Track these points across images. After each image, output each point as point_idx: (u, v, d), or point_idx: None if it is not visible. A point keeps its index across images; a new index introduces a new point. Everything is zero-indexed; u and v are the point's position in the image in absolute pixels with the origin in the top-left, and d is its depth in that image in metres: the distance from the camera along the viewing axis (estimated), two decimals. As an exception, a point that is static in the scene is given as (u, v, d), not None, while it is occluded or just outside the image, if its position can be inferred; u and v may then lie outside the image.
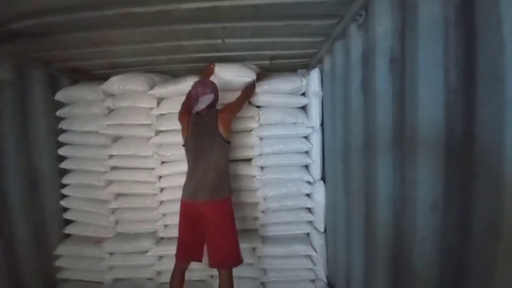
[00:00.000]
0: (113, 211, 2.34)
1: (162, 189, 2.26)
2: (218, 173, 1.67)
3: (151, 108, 2.20)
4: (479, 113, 0.73)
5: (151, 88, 2.19)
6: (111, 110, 2.29)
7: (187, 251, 1.71)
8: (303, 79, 2.15)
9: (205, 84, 1.75)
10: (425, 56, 0.88)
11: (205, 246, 1.71)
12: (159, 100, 2.23)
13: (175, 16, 1.43)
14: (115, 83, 2.18)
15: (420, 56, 0.89)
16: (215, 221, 1.63)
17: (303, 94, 2.23)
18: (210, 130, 1.68)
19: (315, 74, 2.06)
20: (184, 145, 1.78)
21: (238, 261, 1.70)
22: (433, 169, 0.92)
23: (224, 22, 1.55)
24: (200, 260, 1.73)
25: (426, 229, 0.92)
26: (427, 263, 0.94)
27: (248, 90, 1.97)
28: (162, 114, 2.21)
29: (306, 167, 2.28)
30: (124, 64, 2.22)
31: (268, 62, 2.24)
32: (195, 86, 1.76)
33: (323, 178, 2.19)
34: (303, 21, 1.53)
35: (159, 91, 2.16)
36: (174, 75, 2.42)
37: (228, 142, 1.74)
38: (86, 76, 2.53)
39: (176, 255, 1.73)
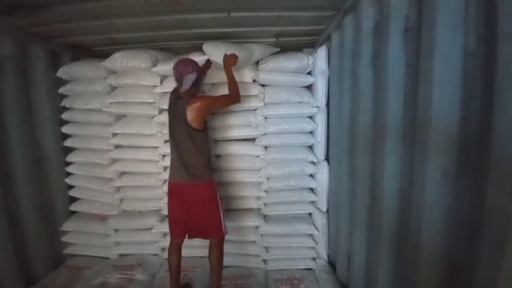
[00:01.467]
0: (118, 189, 2.35)
1: (165, 168, 2.25)
2: (196, 158, 1.67)
3: (154, 86, 2.16)
4: (498, 77, 0.69)
5: (154, 65, 2.14)
6: (113, 88, 2.25)
7: (177, 227, 1.76)
8: (310, 57, 2.09)
9: (186, 62, 1.69)
10: (443, 21, 0.83)
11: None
12: (162, 78, 2.18)
13: (179, -16, 1.36)
14: (117, 60, 2.13)
15: (438, 21, 0.84)
16: (195, 202, 1.69)
17: (309, 73, 2.18)
18: (180, 117, 1.64)
19: (322, 52, 2.00)
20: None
21: (221, 235, 1.77)
22: (446, 142, 0.88)
23: (229, -8, 1.47)
24: (192, 235, 1.78)
25: (435, 198, 0.89)
26: (434, 235, 0.92)
27: (230, 88, 1.80)
28: (166, 92, 2.15)
29: (310, 147, 2.26)
30: (126, 40, 2.15)
31: (274, 39, 2.17)
32: (176, 66, 1.70)
33: (327, 159, 2.17)
34: (313, -9, 1.46)
35: (162, 68, 2.11)
36: (177, 53, 2.36)
37: (201, 130, 1.68)
38: (87, 53, 2.47)
39: (169, 231, 1.80)
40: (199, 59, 2.04)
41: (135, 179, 2.31)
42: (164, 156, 2.23)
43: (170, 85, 2.13)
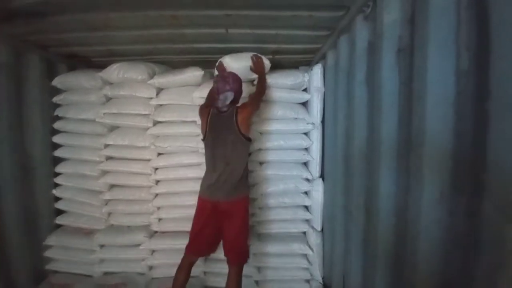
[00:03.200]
0: (106, 202, 2.27)
1: (157, 182, 2.21)
2: (238, 172, 1.63)
3: (150, 98, 2.16)
4: (492, 96, 0.69)
5: (151, 77, 2.15)
6: (108, 99, 2.24)
7: (198, 246, 1.70)
8: (305, 74, 2.13)
9: (226, 80, 1.66)
10: (435, 41, 0.84)
11: (220, 242, 1.73)
12: (158, 90, 2.18)
13: (177, -1, 1.39)
14: (114, 71, 2.14)
15: (430, 41, 0.85)
16: (233, 219, 1.64)
17: (305, 90, 2.20)
18: (229, 127, 1.62)
19: (317, 70, 2.03)
20: (203, 140, 1.73)
21: (246, 257, 1.73)
22: (441, 161, 0.87)
23: (227, 9, 1.51)
24: (208, 255, 1.74)
25: (431, 218, 0.87)
26: (430, 256, 0.90)
27: (260, 85, 1.84)
28: (161, 105, 2.17)
29: (305, 164, 2.24)
30: (123, 52, 2.17)
31: (271, 56, 2.19)
32: (216, 81, 1.70)
33: (322, 176, 2.15)
34: (309, 11, 1.50)
35: (158, 80, 2.13)
36: (174, 66, 2.38)
37: (249, 140, 1.70)
38: (84, 64, 2.48)
39: (186, 247, 1.71)
40: (197, 73, 2.07)
41: (125, 192, 2.24)
42: (156, 169, 2.19)
43: (167, 97, 2.15)
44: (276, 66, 2.24)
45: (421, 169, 0.91)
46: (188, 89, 2.13)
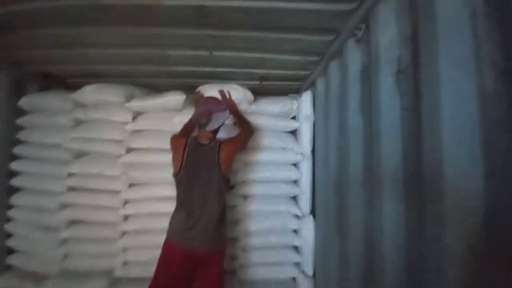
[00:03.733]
0: (64, 241, 1.94)
1: (126, 217, 1.91)
2: (216, 218, 1.39)
3: (126, 123, 1.95)
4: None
5: (129, 100, 1.96)
6: (79, 122, 2.01)
7: None
8: (294, 101, 2.01)
9: (217, 100, 1.52)
10: (447, 58, 0.71)
11: None
12: (136, 115, 1.99)
13: (157, 15, 1.27)
14: (89, 92, 1.94)
15: (441, 59, 0.71)
16: (208, 272, 1.38)
17: (294, 118, 2.06)
18: (209, 164, 1.41)
19: (307, 97, 1.93)
20: (175, 176, 1.47)
21: None
22: (469, 205, 0.68)
23: (211, 29, 1.39)
24: None
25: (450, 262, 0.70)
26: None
27: (241, 125, 1.70)
28: (137, 130, 1.96)
29: (294, 198, 2.02)
30: (102, 73, 2.00)
31: (258, 83, 2.09)
32: (206, 102, 1.55)
33: (312, 212, 1.92)
34: (297, 34, 1.40)
35: (136, 104, 1.94)
36: (157, 90, 2.20)
37: (229, 181, 1.48)
38: (60, 85, 2.28)
39: None
40: (178, 98, 1.91)
41: (86, 230, 1.92)
42: (126, 202, 1.91)
43: (144, 122, 1.95)
44: (264, 94, 2.13)
45: (443, 211, 0.71)
46: (168, 114, 1.94)
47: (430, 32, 0.76)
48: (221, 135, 1.65)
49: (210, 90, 1.77)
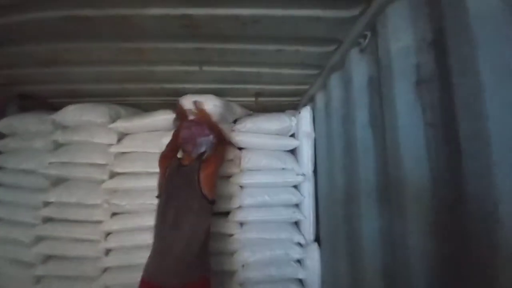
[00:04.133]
0: (38, 279, 1.70)
1: (108, 251, 1.69)
2: (196, 245, 1.22)
3: (110, 145, 1.79)
4: None
5: (113, 120, 1.81)
6: (59, 145, 1.83)
7: None
8: (292, 118, 1.88)
9: (200, 124, 1.42)
10: (489, 64, 0.55)
11: None
12: (121, 136, 1.83)
13: (138, 27, 1.13)
14: (70, 113, 1.79)
15: (481, 65, 0.56)
16: None
17: (293, 136, 1.91)
18: (189, 185, 1.27)
19: (306, 113, 1.78)
20: (157, 197, 1.36)
21: None
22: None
23: (200, 41, 1.26)
24: None
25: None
26: None
27: (215, 135, 1.53)
28: (123, 153, 1.79)
29: (296, 224, 1.83)
30: (87, 93, 1.85)
31: (253, 99, 1.95)
32: (188, 127, 1.42)
33: (317, 240, 1.72)
34: (295, 46, 1.27)
35: (122, 124, 1.79)
36: (144, 109, 2.08)
37: (212, 203, 1.32)
38: (41, 106, 2.11)
39: None
40: (167, 117, 1.76)
41: (64, 266, 1.69)
42: (108, 234, 1.69)
43: (130, 144, 1.78)
44: (260, 110, 2.03)
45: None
46: (156, 135, 1.77)
47: (462, 31, 0.61)
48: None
49: (187, 101, 1.65)
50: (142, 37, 1.24)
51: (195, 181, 1.26)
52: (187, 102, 1.64)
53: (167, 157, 1.45)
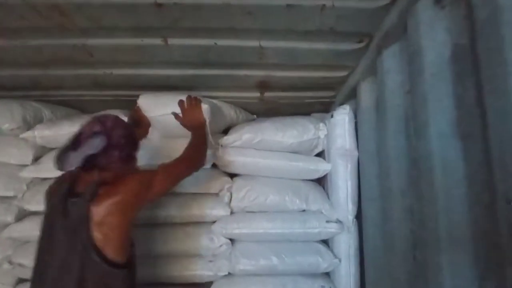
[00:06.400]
0: None
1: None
2: None
3: (23, 166, 1.84)
4: None
5: (29, 127, 1.83)
6: None
7: None
8: (321, 125, 1.87)
9: (99, 117, 1.31)
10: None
11: None
12: (42, 152, 1.88)
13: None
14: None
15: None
16: None
17: (321, 155, 1.93)
18: (72, 228, 1.14)
19: (343, 116, 1.73)
20: None
21: None
22: None
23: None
24: None
25: None
26: None
27: (192, 147, 1.50)
28: (44, 179, 1.82)
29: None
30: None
31: (258, 94, 1.93)
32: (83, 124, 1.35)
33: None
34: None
35: (42, 133, 1.79)
36: (84, 109, 2.17)
37: (122, 266, 1.16)
38: None
39: None
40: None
41: None
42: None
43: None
44: (268, 114, 2.08)
45: None
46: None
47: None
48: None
49: (154, 106, 1.66)
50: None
51: (83, 221, 1.09)
52: (147, 103, 1.65)
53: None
